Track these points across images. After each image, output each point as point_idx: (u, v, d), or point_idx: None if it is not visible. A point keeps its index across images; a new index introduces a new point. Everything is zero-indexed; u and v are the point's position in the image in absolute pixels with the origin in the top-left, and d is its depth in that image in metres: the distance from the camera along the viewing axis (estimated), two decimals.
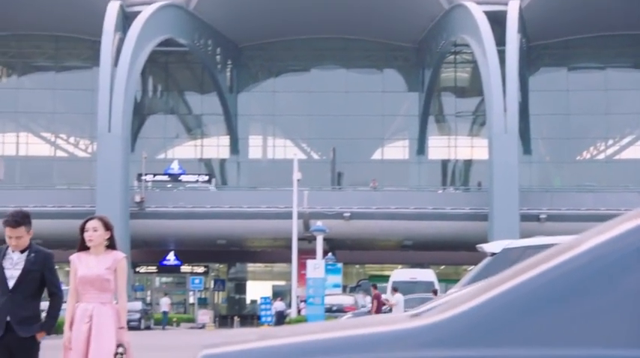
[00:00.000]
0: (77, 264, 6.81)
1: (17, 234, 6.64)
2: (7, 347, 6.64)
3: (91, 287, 6.69)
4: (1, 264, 6.73)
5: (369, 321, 2.34)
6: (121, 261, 6.82)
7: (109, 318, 6.67)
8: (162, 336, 36.95)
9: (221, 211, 51.92)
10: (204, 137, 64.44)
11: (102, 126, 50.77)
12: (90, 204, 50.96)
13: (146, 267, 61.05)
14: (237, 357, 1.98)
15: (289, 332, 2.20)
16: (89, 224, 6.83)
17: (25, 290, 6.68)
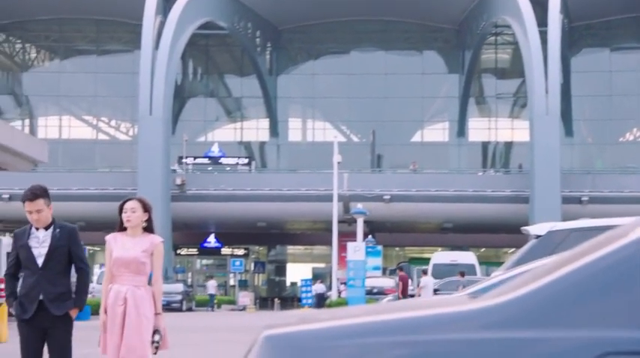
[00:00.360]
0: (113, 244, 6.67)
1: (36, 208, 6.50)
2: (40, 326, 6.52)
3: (125, 270, 6.57)
4: (27, 243, 6.59)
5: (429, 303, 2.35)
6: (159, 245, 6.68)
7: (144, 302, 6.55)
8: (207, 318, 37.19)
9: (261, 194, 52.07)
10: (243, 120, 64.61)
11: (143, 109, 51.12)
12: (131, 186, 51.37)
13: (187, 249, 61.49)
14: (300, 337, 2.00)
15: (349, 313, 2.22)
16: (128, 204, 6.69)
17: (54, 267, 6.56)
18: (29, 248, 6.56)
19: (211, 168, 57.71)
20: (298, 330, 2.03)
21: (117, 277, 6.59)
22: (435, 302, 2.35)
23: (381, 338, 1.96)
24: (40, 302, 6.49)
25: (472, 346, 1.96)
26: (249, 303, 50.05)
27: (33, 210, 6.51)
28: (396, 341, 1.95)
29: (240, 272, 57.87)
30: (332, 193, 42.29)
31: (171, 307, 42.92)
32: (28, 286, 6.55)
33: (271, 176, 56.69)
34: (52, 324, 6.48)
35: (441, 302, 2.23)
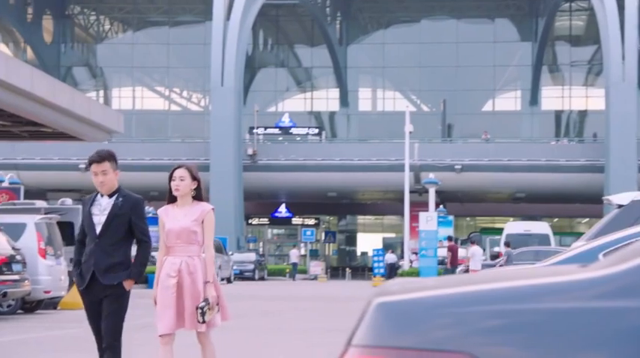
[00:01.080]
0: (164, 217, 6.54)
1: (102, 169, 6.40)
2: (96, 296, 6.43)
3: (177, 241, 6.43)
4: (90, 210, 6.50)
5: (537, 272, 2.35)
6: (209, 213, 6.51)
7: (198, 271, 6.40)
8: (280, 287, 37.52)
9: (332, 164, 52.20)
10: (314, 90, 64.62)
11: (215, 80, 51.54)
12: (204, 156, 51.97)
13: (258, 219, 62.01)
14: (412, 305, 2.01)
15: (459, 281, 2.23)
16: (176, 173, 6.50)
17: (111, 236, 6.43)
18: (90, 215, 6.47)
19: (282, 138, 57.97)
20: (410, 298, 2.04)
21: (170, 249, 6.47)
22: (546, 271, 2.34)
23: (499, 305, 1.97)
24: (94, 272, 6.42)
25: (589, 315, 1.95)
26: (320, 273, 50.35)
27: (99, 171, 6.42)
28: (515, 309, 1.95)
29: (311, 241, 58.19)
30: (403, 163, 42.15)
31: (244, 276, 43.44)
32: (86, 254, 6.47)
33: (342, 146, 56.73)
34: (106, 294, 6.38)
35: (554, 272, 2.22)
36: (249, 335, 13.89)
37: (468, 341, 1.91)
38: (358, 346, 1.92)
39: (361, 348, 1.92)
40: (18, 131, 28.51)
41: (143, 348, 11.89)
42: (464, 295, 2.04)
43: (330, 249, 65.93)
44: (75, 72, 64.17)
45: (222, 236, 44.15)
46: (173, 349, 6.48)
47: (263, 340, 13.06)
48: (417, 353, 1.89)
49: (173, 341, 6.47)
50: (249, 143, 54.11)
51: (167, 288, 6.34)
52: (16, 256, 16.42)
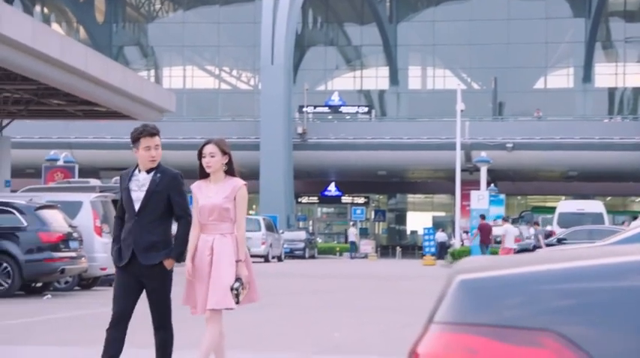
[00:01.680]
0: (197, 193, 6.40)
1: (155, 143, 6.21)
2: (135, 275, 6.25)
3: (210, 218, 6.30)
4: (128, 186, 6.29)
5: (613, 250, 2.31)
6: (241, 189, 6.35)
7: (229, 250, 6.25)
8: (331, 265, 37.61)
9: (382, 142, 52.09)
10: (363, 68, 64.40)
11: (265, 59, 51.61)
12: (254, 135, 52.17)
13: (308, 198, 62.18)
14: (494, 282, 1.99)
15: (539, 259, 2.21)
16: (205, 149, 6.36)
17: (150, 213, 6.22)
18: (129, 191, 6.27)
19: (331, 116, 57.95)
20: (492, 275, 2.02)
21: (204, 226, 6.34)
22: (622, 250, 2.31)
23: (582, 284, 1.95)
24: (134, 250, 6.25)
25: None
26: (370, 251, 50.38)
27: (152, 145, 6.21)
28: (596, 287, 1.93)
29: (361, 220, 58.21)
30: (454, 141, 41.87)
31: (294, 254, 43.61)
32: (125, 231, 6.29)
33: (391, 124, 56.54)
34: (146, 274, 6.20)
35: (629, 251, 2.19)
36: (300, 312, 13.97)
37: (551, 319, 1.90)
38: (440, 323, 1.91)
39: (443, 325, 1.91)
40: (72, 110, 28.90)
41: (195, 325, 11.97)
42: (546, 273, 2.02)
43: (380, 228, 65.90)
44: (126, 51, 64.68)
45: (272, 214, 44.37)
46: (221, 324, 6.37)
47: (314, 317, 13.12)
48: (499, 330, 1.88)
49: (220, 315, 6.35)
50: (298, 122, 54.20)
51: (201, 266, 6.24)
52: (73, 234, 16.66)
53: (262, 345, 9.64)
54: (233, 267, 6.17)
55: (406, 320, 12.57)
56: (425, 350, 1.86)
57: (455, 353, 1.82)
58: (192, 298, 6.35)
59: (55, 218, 16.44)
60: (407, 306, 15.28)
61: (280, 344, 9.79)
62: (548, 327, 1.86)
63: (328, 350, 9.23)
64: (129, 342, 6.27)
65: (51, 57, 20.28)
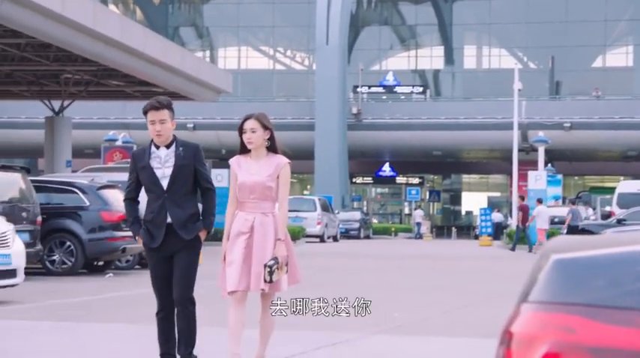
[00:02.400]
0: (237, 169, 6.07)
1: (160, 117, 5.97)
2: (170, 252, 6.06)
3: (251, 195, 5.98)
4: (149, 163, 6.05)
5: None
6: (284, 167, 6.03)
7: (271, 230, 5.96)
8: (386, 245, 37.58)
9: (437, 122, 51.80)
10: (418, 48, 63.98)
11: (320, 39, 51.56)
12: (309, 116, 52.24)
13: (362, 178, 62.16)
14: (589, 262, 1.99)
15: (631, 239, 2.19)
16: (246, 125, 6.02)
17: (180, 188, 6.04)
18: (151, 169, 6.03)
19: (385, 97, 57.75)
20: (586, 255, 2.02)
21: (242, 204, 6.02)
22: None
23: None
24: (168, 227, 6.03)
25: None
26: (425, 231, 50.22)
27: (157, 119, 5.98)
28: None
29: (416, 201, 58.03)
30: (510, 121, 41.46)
31: (350, 235, 43.66)
32: (154, 211, 6.04)
33: (447, 104, 56.19)
34: (181, 248, 6.05)
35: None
36: (358, 291, 13.98)
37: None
38: (535, 302, 1.92)
39: (538, 304, 1.91)
40: (131, 91, 29.22)
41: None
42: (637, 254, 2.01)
43: (435, 208, 65.65)
44: (182, 32, 65.06)
45: (327, 195, 44.45)
46: (245, 310, 6.04)
47: (372, 297, 13.09)
48: (594, 309, 1.88)
49: (244, 300, 6.04)
50: (353, 102, 54.13)
51: (237, 245, 5.95)
52: None
53: (322, 324, 9.68)
54: (271, 247, 5.93)
55: (466, 301, 12.54)
56: (520, 330, 1.87)
57: (551, 332, 1.82)
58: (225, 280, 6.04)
59: (116, 197, 16.66)
60: (466, 287, 15.24)
61: (339, 323, 9.82)
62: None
63: (389, 331, 9.24)
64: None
65: (111, 38, 20.51)
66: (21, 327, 9.08)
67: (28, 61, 25.45)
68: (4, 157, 54.12)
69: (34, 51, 24.08)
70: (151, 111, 5.98)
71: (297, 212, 37.09)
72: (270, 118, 6.27)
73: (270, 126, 6.04)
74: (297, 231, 34.06)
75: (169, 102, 6.10)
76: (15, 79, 28.87)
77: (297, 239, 34.28)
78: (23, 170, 15.74)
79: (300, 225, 35.67)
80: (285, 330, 9.01)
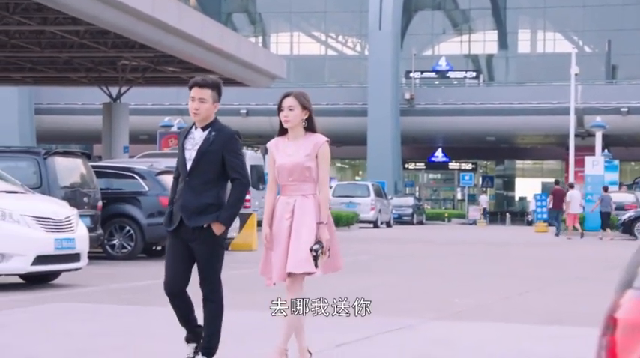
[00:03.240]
0: (274, 151, 5.80)
1: (201, 95, 5.63)
2: (184, 240, 5.74)
3: (289, 178, 5.71)
4: (183, 144, 5.77)
5: None
6: (323, 146, 5.70)
7: (311, 212, 5.66)
8: (447, 231, 37.45)
9: (491, 107, 51.40)
10: (471, 32, 63.45)
11: (373, 24, 51.39)
12: (361, 101, 52.17)
13: (414, 164, 61.96)
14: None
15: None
16: (284, 102, 5.72)
17: (201, 174, 5.68)
18: (182, 149, 5.77)
19: (438, 82, 57.43)
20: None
21: (283, 187, 5.78)
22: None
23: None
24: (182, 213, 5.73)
25: None
26: (479, 217, 49.93)
27: (197, 96, 5.65)
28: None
29: (469, 186, 57.71)
30: (566, 106, 41.02)
31: (403, 220, 43.59)
32: (178, 193, 5.78)
33: (500, 89, 55.70)
34: (195, 239, 5.68)
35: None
36: (415, 277, 14.01)
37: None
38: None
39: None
40: (186, 77, 29.38)
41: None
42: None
43: (488, 194, 65.22)
44: (234, 18, 65.29)
45: (379, 180, 44.41)
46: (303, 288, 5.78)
47: (430, 282, 13.14)
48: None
49: (302, 280, 5.75)
50: (405, 87, 53.92)
51: (280, 232, 5.69)
52: None
53: (381, 310, 9.70)
54: (315, 229, 5.63)
55: (524, 287, 12.48)
56: (625, 316, 1.86)
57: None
58: (268, 267, 5.80)
59: None
60: (524, 273, 15.16)
61: (399, 309, 9.85)
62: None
63: (450, 316, 9.24)
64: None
65: (169, 25, 20.67)
66: (86, 310, 9.25)
67: (86, 48, 25.80)
68: (61, 143, 54.94)
69: (92, 38, 24.40)
70: (195, 87, 5.68)
71: (351, 198, 37.13)
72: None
73: (309, 105, 5.75)
74: (351, 216, 34.07)
75: (216, 83, 5.74)
76: (74, 66, 29.31)
77: (351, 224, 34.30)
78: (84, 155, 15.97)
79: (353, 210, 35.68)
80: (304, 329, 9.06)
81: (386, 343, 7.44)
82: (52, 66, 29.48)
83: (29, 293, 10.80)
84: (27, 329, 7.95)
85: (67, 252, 11.38)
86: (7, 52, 26.47)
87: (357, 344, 7.29)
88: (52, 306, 9.56)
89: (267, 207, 5.79)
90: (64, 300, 10.12)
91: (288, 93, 5.79)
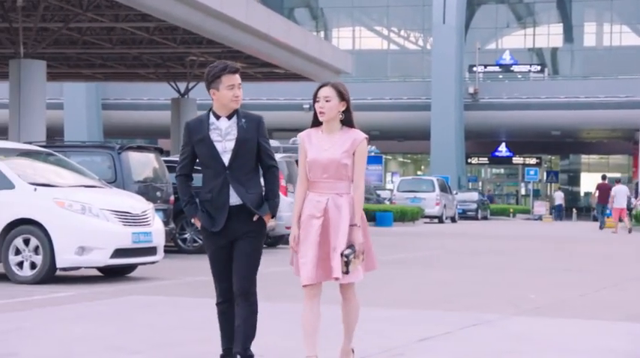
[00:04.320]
0: (307, 144, 5.33)
1: (239, 82, 5.30)
2: (231, 238, 5.31)
3: (324, 174, 5.26)
4: (209, 135, 5.28)
5: None
6: (362, 143, 5.28)
7: (346, 213, 5.25)
8: (514, 226, 37.09)
9: (556, 102, 50.77)
10: (535, 25, 62.71)
11: (436, 18, 51.10)
12: (425, 95, 51.93)
13: (477, 158, 61.48)
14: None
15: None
16: (321, 92, 5.29)
17: (243, 164, 5.28)
18: (211, 142, 5.27)
19: (502, 76, 56.90)
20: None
21: (314, 184, 5.30)
22: None
23: None
24: (231, 209, 5.26)
25: None
26: (544, 213, 49.35)
27: (236, 83, 5.28)
28: None
29: (535, 181, 57.10)
30: (634, 100, 40.41)
31: (467, 215, 43.31)
32: (213, 190, 5.28)
33: (566, 83, 54.96)
34: (244, 233, 5.27)
35: None
36: (489, 272, 13.93)
37: None
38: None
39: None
40: (252, 72, 29.61)
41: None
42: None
43: (552, 189, 64.46)
44: (296, 13, 65.45)
45: (442, 175, 44.18)
46: (319, 304, 5.34)
47: (505, 278, 13.07)
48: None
49: (319, 294, 5.33)
50: (468, 82, 53.55)
51: (310, 231, 5.24)
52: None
53: (459, 304, 9.71)
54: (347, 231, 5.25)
55: (600, 284, 12.34)
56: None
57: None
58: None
59: None
60: (596, 269, 15.00)
61: (476, 304, 9.82)
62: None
63: (527, 312, 9.18)
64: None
65: (237, 20, 20.82)
66: (164, 303, 9.38)
67: (155, 44, 26.13)
68: (126, 137, 55.74)
69: (161, 34, 24.70)
70: (228, 74, 5.27)
71: (416, 192, 37.04)
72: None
73: (348, 97, 5.31)
74: (416, 211, 33.98)
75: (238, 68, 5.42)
76: (143, 62, 29.70)
77: (416, 219, 34.18)
78: (157, 150, 16.16)
79: (418, 205, 35.59)
80: (426, 310, 9.08)
81: (467, 338, 7.43)
82: (121, 62, 29.94)
83: (108, 285, 11.00)
84: (109, 320, 8.09)
85: (144, 245, 11.56)
86: (79, 48, 26.95)
87: (438, 339, 7.29)
88: (131, 299, 9.71)
89: (296, 205, 5.32)
90: (142, 293, 10.27)
91: (325, 83, 5.37)
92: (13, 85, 19.88)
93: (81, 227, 10.97)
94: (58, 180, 11.82)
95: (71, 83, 44.68)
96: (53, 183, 11.58)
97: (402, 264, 15.13)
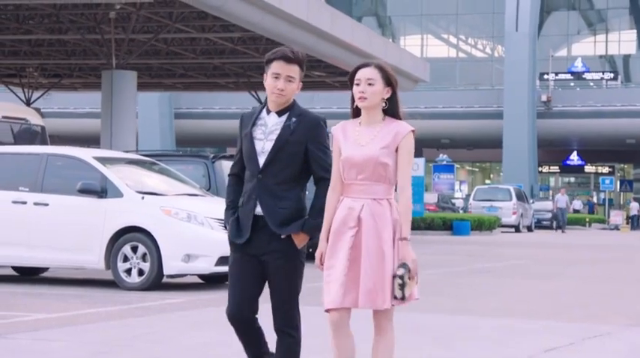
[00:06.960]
0: (341, 139, 4.33)
1: (288, 73, 4.36)
2: (255, 253, 4.41)
3: (359, 175, 4.26)
4: (251, 131, 4.44)
5: None
6: (406, 137, 4.25)
7: (387, 223, 4.23)
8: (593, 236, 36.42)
9: (632, 109, 50.02)
10: (607, 32, 61.89)
11: (509, 26, 50.77)
12: (496, 104, 51.56)
13: (548, 167, 60.81)
14: None
15: None
16: (362, 73, 4.28)
17: (279, 171, 4.37)
18: (252, 139, 4.43)
19: (573, 83, 56.26)
20: None
21: (348, 186, 4.30)
22: None
23: None
24: (256, 220, 4.38)
25: None
26: (621, 222, 48.55)
27: (283, 74, 4.36)
28: None
29: (610, 190, 56.25)
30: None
31: (542, 225, 42.79)
32: (245, 194, 4.43)
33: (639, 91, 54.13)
34: (270, 252, 4.38)
35: None
36: (590, 282, 13.76)
37: None
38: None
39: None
40: (331, 81, 29.71)
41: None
42: None
43: (626, 198, 63.42)
44: (365, 22, 65.51)
45: (516, 183, 43.75)
46: (351, 335, 4.30)
47: (609, 288, 12.89)
48: None
49: (348, 324, 4.27)
50: (540, 89, 53.06)
51: (340, 245, 4.24)
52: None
53: (570, 315, 9.61)
54: (391, 247, 4.24)
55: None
56: None
57: None
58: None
59: None
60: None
61: (588, 315, 9.73)
62: None
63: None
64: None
65: (322, 30, 20.93)
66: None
67: (238, 54, 26.37)
68: (198, 146, 56.32)
69: (244, 44, 24.93)
70: (280, 61, 4.38)
71: (492, 201, 36.78)
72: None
73: (395, 82, 4.32)
74: (493, 220, 33.74)
75: (304, 59, 4.49)
76: (224, 72, 30.00)
77: (493, 228, 33.93)
78: None
79: (495, 214, 35.33)
80: (540, 320, 9.01)
81: (591, 350, 7.37)
82: (202, 72, 30.29)
83: (213, 292, 11.09)
84: (225, 328, 8.14)
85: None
86: (163, 58, 27.33)
87: (564, 351, 7.23)
88: None
89: (327, 213, 4.33)
90: None
91: (367, 63, 4.34)
92: (105, 95, 20.23)
93: (187, 235, 11.12)
94: (163, 189, 12.00)
95: (144, 93, 45.35)
96: (159, 192, 11.76)
97: (491, 273, 15.06)
